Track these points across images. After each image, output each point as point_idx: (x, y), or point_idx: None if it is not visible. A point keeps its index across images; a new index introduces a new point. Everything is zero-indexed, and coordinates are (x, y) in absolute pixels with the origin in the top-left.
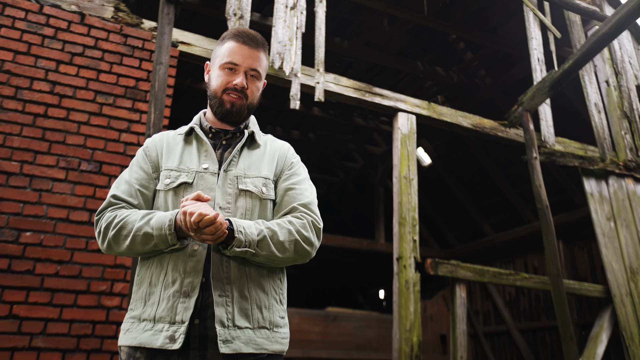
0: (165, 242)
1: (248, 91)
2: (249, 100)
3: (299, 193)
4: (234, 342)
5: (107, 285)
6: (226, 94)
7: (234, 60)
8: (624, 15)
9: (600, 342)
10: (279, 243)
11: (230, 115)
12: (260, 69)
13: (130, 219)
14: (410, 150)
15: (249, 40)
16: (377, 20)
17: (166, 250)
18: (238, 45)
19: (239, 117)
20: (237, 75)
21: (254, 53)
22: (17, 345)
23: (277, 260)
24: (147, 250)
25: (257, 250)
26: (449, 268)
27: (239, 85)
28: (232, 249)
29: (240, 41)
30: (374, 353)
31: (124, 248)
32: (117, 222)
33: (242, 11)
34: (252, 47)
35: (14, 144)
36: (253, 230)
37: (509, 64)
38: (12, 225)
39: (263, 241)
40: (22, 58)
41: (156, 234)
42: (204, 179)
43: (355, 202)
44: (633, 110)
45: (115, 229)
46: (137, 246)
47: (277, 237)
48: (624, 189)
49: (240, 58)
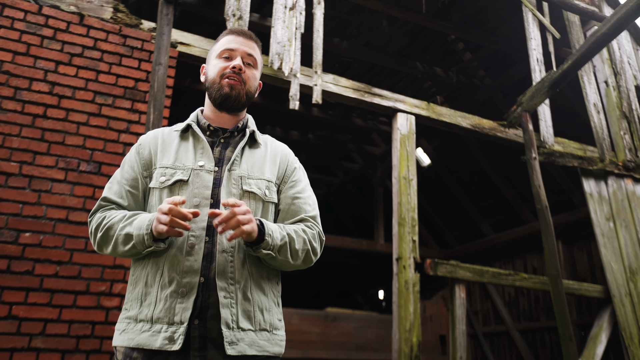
0: (142, 242)
1: (245, 75)
2: (247, 86)
3: (305, 202)
4: (239, 344)
5: (107, 286)
6: (224, 78)
7: (230, 47)
8: (622, 15)
9: (599, 342)
10: (294, 251)
11: (229, 99)
12: (255, 56)
13: (117, 219)
14: (409, 150)
15: (242, 33)
16: (376, 21)
17: (144, 252)
18: (233, 36)
19: (238, 102)
20: (233, 60)
21: (249, 42)
22: (17, 346)
23: (287, 266)
24: (128, 250)
25: (277, 254)
26: (448, 268)
27: (237, 67)
28: (260, 250)
29: (235, 34)
30: (374, 353)
31: (111, 249)
32: (105, 223)
33: (241, 12)
34: (246, 37)
35: (13, 145)
36: (277, 235)
37: (508, 65)
38: (11, 225)
39: (283, 247)
40: (21, 59)
41: (135, 234)
42: (199, 176)
43: (355, 203)
44: (632, 111)
45: (103, 230)
46: (119, 246)
47: (294, 245)
48: (623, 189)
49: (236, 45)
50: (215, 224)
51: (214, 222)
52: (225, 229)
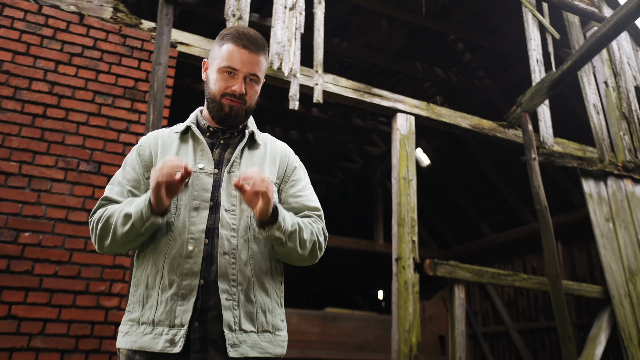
0: (140, 219)
1: (247, 97)
2: (247, 104)
3: (307, 199)
4: (241, 346)
5: (106, 286)
6: (225, 99)
7: (233, 65)
8: (622, 16)
9: (598, 342)
10: (302, 240)
11: (228, 119)
12: (259, 73)
13: (117, 207)
14: (409, 151)
15: (249, 44)
16: (376, 21)
17: (142, 230)
18: (237, 49)
19: (237, 120)
20: (236, 81)
21: (254, 58)
22: (16, 346)
23: (295, 255)
24: (126, 232)
25: (287, 240)
26: (447, 269)
27: (238, 92)
28: (272, 230)
29: (240, 44)
30: (373, 354)
31: (110, 237)
32: (106, 213)
33: (240, 12)
34: (251, 51)
35: (12, 144)
36: (289, 220)
37: (508, 65)
38: (10, 225)
39: (293, 234)
40: (21, 58)
41: (134, 211)
42: (199, 179)
43: (354, 203)
44: (632, 112)
45: (104, 220)
46: (118, 229)
47: (302, 234)
48: (623, 189)
49: (240, 63)
50: (240, 178)
51: (239, 177)
52: (252, 188)
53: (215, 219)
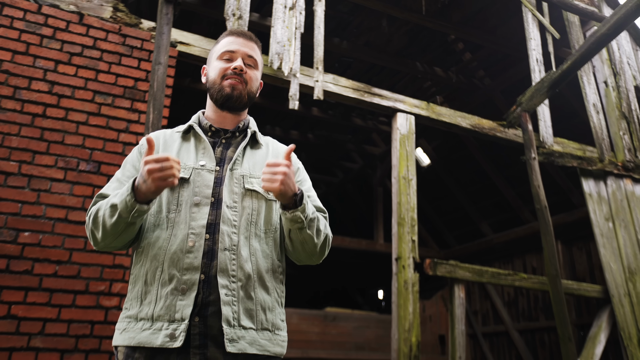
0: (125, 208)
1: (246, 76)
2: (249, 86)
3: (314, 200)
4: (240, 341)
5: (106, 286)
6: (226, 79)
7: (230, 49)
8: (622, 16)
9: (598, 342)
10: (318, 229)
11: (231, 99)
12: (256, 57)
13: (105, 200)
14: (409, 150)
15: (242, 34)
16: (376, 21)
17: (129, 219)
18: (233, 37)
19: (240, 102)
20: (234, 62)
21: (249, 43)
22: (16, 346)
23: (310, 244)
24: (115, 224)
25: (306, 226)
26: (447, 268)
27: (238, 67)
28: (296, 212)
29: (235, 35)
30: (373, 353)
31: (101, 231)
32: (95, 207)
33: (240, 11)
34: (246, 39)
35: (12, 144)
36: (310, 207)
37: (508, 65)
38: (10, 225)
39: (313, 221)
40: (21, 58)
41: (119, 201)
42: (200, 175)
43: (354, 203)
44: (631, 111)
45: (94, 214)
46: (107, 222)
47: (318, 224)
48: (623, 189)
49: (236, 46)
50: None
51: (267, 163)
52: (274, 173)
53: (217, 215)
